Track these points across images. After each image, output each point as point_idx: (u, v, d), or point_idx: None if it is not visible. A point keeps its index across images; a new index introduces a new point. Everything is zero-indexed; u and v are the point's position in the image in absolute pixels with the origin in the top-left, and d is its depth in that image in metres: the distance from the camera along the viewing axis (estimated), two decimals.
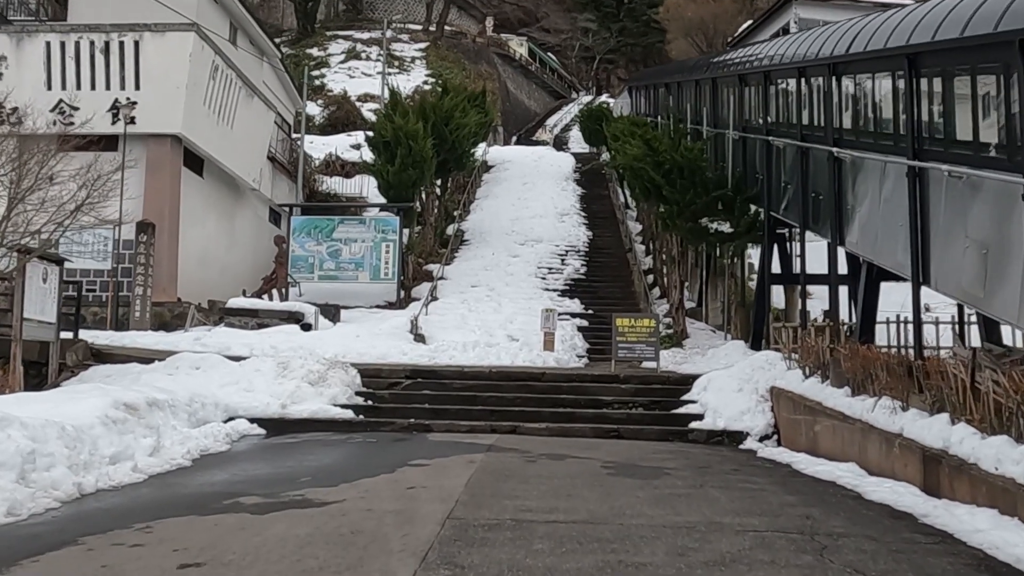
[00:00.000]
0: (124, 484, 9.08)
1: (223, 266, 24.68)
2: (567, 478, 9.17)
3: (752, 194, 18.50)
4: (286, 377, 14.70)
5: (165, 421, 11.70)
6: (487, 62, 60.34)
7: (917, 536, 6.90)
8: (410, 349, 18.15)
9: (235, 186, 25.65)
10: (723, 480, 9.40)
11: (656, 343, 16.52)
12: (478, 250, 27.39)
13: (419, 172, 23.81)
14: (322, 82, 48.43)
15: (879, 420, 9.96)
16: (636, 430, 13.39)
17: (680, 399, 14.64)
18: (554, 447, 11.76)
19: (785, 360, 14.20)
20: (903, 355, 11.16)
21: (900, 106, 11.66)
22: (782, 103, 17.03)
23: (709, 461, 10.98)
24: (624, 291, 24.74)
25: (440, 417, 13.88)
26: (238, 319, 20.22)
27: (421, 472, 9.57)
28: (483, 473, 9.37)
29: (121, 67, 21.43)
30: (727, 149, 19.92)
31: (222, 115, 23.41)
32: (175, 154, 22.01)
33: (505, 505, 7.57)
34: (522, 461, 10.37)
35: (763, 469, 10.59)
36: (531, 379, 15.82)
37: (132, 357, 15.81)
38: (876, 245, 12.62)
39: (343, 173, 35.91)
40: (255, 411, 13.60)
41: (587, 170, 38.83)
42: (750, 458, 11.69)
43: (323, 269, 23.19)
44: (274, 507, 7.64)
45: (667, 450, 11.96)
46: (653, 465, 10.33)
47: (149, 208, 21.27)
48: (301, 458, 10.81)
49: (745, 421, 13.42)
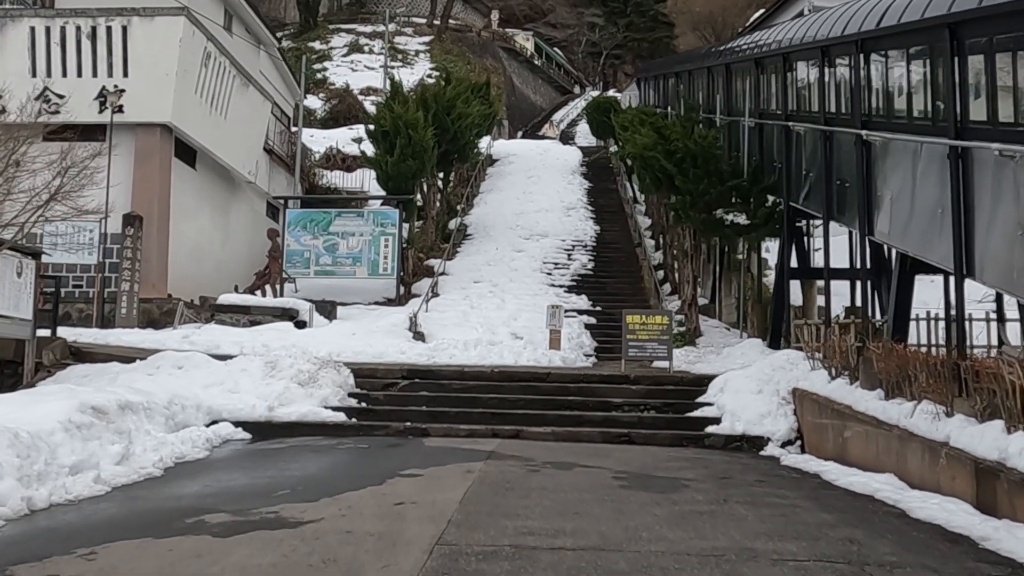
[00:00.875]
0: (83, 498, 8.16)
1: (218, 261, 23.80)
2: (575, 492, 8.22)
3: (769, 184, 17.51)
4: (274, 377, 13.79)
5: (138, 425, 10.79)
6: (492, 56, 59.36)
7: (982, 566, 5.95)
8: (408, 348, 17.25)
9: (230, 179, 24.76)
10: (748, 494, 8.44)
11: (669, 341, 15.56)
12: (481, 245, 26.46)
13: (419, 163, 22.83)
14: (324, 75, 47.51)
15: (919, 427, 8.99)
16: (648, 435, 12.46)
17: (695, 401, 13.70)
18: (560, 454, 10.83)
19: (808, 360, 13.26)
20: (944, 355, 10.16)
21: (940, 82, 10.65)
22: (803, 86, 16.03)
23: (730, 470, 10.03)
24: (633, 287, 23.80)
25: (438, 420, 12.96)
26: (229, 316, 19.36)
27: (412, 484, 8.63)
28: (481, 485, 8.43)
29: (108, 53, 20.58)
30: (742, 137, 18.92)
31: (215, 104, 22.51)
32: (165, 144, 21.13)
33: (504, 527, 6.63)
34: (525, 471, 9.42)
35: (790, 480, 9.63)
36: (536, 379, 14.89)
37: (113, 356, 14.94)
38: (911, 235, 11.62)
39: (344, 167, 35.11)
40: (240, 414, 12.73)
41: (594, 163, 37.89)
42: (774, 467, 10.73)
43: (319, 264, 22.22)
44: (241, 527, 6.71)
45: (683, 457, 11.01)
46: (669, 476, 9.38)
47: (138, 200, 20.40)
48: (284, 466, 9.89)
49: (766, 425, 12.49)
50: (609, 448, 11.65)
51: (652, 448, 11.85)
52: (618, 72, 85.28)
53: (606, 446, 11.88)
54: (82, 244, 19.39)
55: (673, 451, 11.59)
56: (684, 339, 18.32)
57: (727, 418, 12.83)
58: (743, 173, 18.05)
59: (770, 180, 17.58)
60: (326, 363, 14.16)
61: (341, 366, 14.28)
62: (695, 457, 11.12)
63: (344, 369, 14.26)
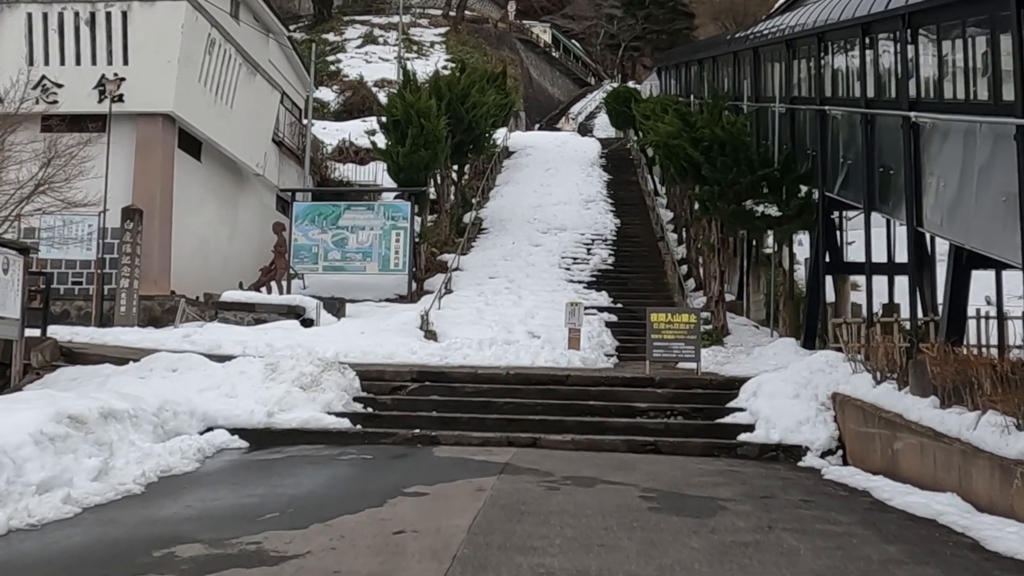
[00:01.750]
0: (48, 521, 7.31)
1: (224, 257, 22.95)
2: (599, 516, 7.28)
3: (803, 173, 16.44)
4: (275, 380, 12.90)
5: (122, 435, 9.94)
6: (509, 48, 58.32)
7: None
8: (419, 347, 16.33)
9: (238, 172, 23.90)
10: (795, 518, 7.47)
11: (697, 341, 14.55)
12: (497, 239, 25.49)
13: (432, 154, 21.83)
14: (338, 67, 46.72)
15: (986, 441, 7.98)
16: (676, 443, 11.49)
17: (726, 406, 12.71)
18: (581, 466, 9.90)
19: (849, 362, 12.26)
20: (1014, 359, 9.13)
21: (1003, 56, 9.58)
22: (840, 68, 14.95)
23: (770, 487, 9.06)
24: (656, 283, 22.79)
25: (449, 427, 12.04)
26: (233, 314, 18.52)
27: (416, 505, 7.71)
28: (493, 508, 7.49)
29: (108, 40, 19.73)
30: (772, 126, 17.85)
31: (220, 94, 21.64)
32: (168, 135, 20.26)
33: (518, 566, 5.69)
34: (542, 489, 8.48)
35: (839, 499, 8.64)
36: (554, 382, 13.93)
37: (106, 357, 14.10)
38: (969, 226, 10.55)
39: (357, 160, 34.28)
40: (237, 420, 11.90)
41: (613, 155, 36.87)
42: (817, 482, 9.74)
43: (328, 259, 21.28)
44: (213, 565, 5.81)
45: (715, 470, 10.05)
46: (703, 495, 8.41)
47: (139, 193, 19.55)
48: (277, 482, 8.99)
49: (804, 433, 11.50)
50: (634, 459, 10.71)
51: (680, 459, 10.90)
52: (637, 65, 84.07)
53: (631, 456, 10.95)
54: (80, 239, 18.63)
55: (704, 462, 10.63)
56: (711, 338, 17.30)
57: (761, 425, 11.87)
58: (773, 162, 16.99)
59: (803, 168, 16.51)
60: (330, 365, 13.26)
61: (346, 368, 13.39)
62: (729, 470, 10.15)
63: (349, 371, 13.37)
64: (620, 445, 11.47)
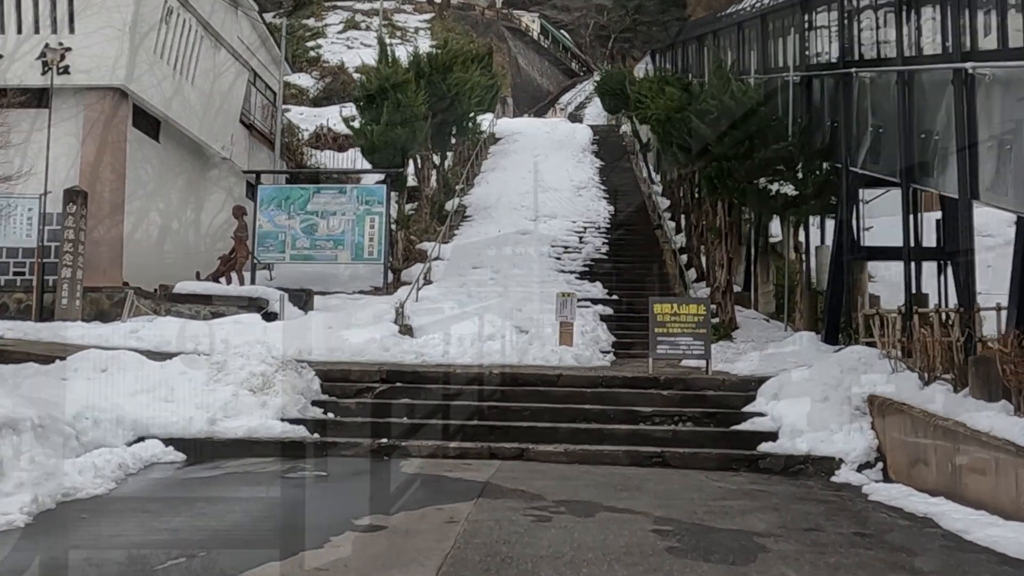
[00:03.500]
0: None
1: (188, 247, 21.12)
2: (603, 563, 5.55)
3: (823, 146, 14.70)
4: (220, 382, 11.14)
5: (19, 450, 8.15)
6: (497, 36, 56.51)
7: None
8: (393, 344, 14.59)
9: (203, 155, 22.05)
10: (860, 564, 5.74)
11: (706, 336, 12.81)
12: (482, 227, 23.71)
13: (410, 132, 19.95)
14: (318, 53, 44.89)
15: None
16: (687, 455, 9.81)
17: (742, 410, 11.02)
18: (577, 487, 8.20)
19: (887, 359, 10.56)
20: None
21: None
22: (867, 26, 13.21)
23: (811, 514, 7.34)
24: (654, 273, 21.04)
25: (422, 436, 10.34)
26: (188, 307, 16.70)
27: (366, 546, 5.96)
28: (466, 550, 5.76)
29: (52, 6, 17.86)
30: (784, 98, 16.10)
31: (179, 68, 19.79)
32: (120, 111, 18.36)
33: None
34: (529, 521, 6.73)
35: (902, 531, 6.92)
36: (544, 383, 12.19)
37: (32, 356, 12.31)
38: None
39: (335, 146, 32.70)
40: (173, 428, 10.22)
41: (605, 141, 35.20)
42: (864, 505, 8.04)
43: (296, 248, 19.39)
44: None
45: (739, 490, 8.35)
46: (733, 527, 6.69)
47: (86, 175, 17.71)
48: (202, 509, 7.23)
49: (836, 443, 9.86)
50: (639, 474, 9.02)
51: (694, 473, 9.22)
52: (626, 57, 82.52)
53: (634, 471, 9.27)
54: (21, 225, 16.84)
55: (722, 479, 8.94)
56: (719, 333, 15.54)
57: (785, 433, 10.20)
58: (787, 136, 15.25)
59: (822, 142, 14.78)
60: (285, 364, 11.49)
61: (304, 368, 11.64)
62: (754, 489, 8.45)
63: (308, 371, 11.62)
64: (621, 457, 9.79)
